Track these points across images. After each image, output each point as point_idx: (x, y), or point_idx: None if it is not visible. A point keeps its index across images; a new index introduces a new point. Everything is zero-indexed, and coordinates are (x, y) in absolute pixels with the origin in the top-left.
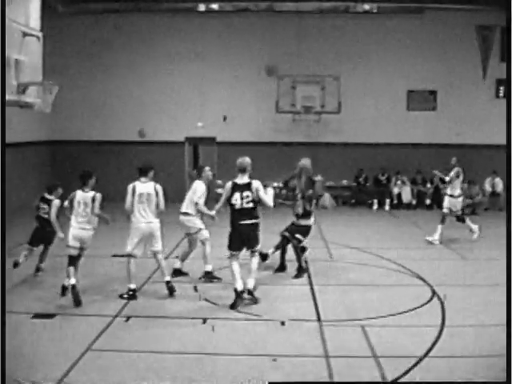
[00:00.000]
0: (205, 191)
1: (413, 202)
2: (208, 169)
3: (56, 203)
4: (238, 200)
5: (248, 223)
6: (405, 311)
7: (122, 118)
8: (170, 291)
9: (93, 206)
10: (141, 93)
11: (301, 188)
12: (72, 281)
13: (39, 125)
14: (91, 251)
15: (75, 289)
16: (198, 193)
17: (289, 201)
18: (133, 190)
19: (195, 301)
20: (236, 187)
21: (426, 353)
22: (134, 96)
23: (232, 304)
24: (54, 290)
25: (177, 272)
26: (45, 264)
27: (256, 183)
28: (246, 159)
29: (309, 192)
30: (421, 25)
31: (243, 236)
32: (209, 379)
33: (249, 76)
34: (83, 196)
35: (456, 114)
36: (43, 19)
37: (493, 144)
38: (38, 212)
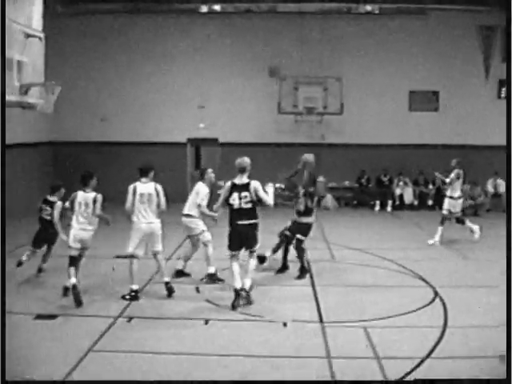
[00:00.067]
0: (207, 193)
1: (415, 203)
2: (211, 171)
3: (58, 205)
4: (237, 200)
5: (246, 223)
6: (407, 312)
7: (124, 119)
8: (169, 292)
9: (94, 207)
10: (142, 94)
11: (303, 183)
12: (73, 280)
13: (41, 126)
14: (93, 252)
15: (76, 289)
16: (201, 195)
17: (290, 200)
18: (133, 191)
19: (197, 302)
20: (234, 187)
21: (428, 354)
22: (136, 97)
23: (232, 303)
24: (56, 291)
25: (179, 273)
26: (47, 264)
27: (254, 183)
28: (245, 159)
29: (311, 188)
30: (423, 26)
31: (242, 236)
32: (211, 380)
33: (251, 77)
34: (84, 197)
35: (458, 115)
36: (44, 19)
37: (495, 145)
38: (41, 214)
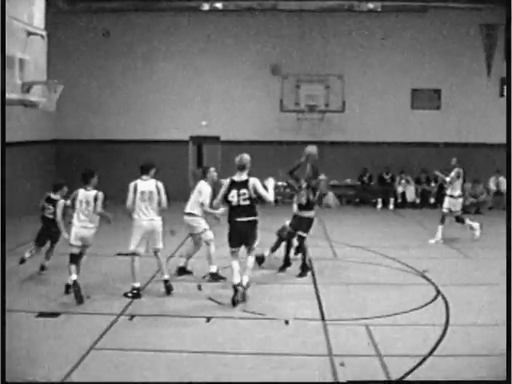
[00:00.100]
0: (210, 192)
1: (417, 201)
2: (213, 169)
3: (61, 203)
4: (235, 197)
5: (245, 220)
6: (409, 310)
7: (126, 117)
8: (168, 290)
9: (95, 205)
10: (144, 91)
11: (306, 176)
12: (73, 277)
13: (43, 124)
14: (94, 250)
15: (76, 285)
16: (204, 194)
17: (291, 198)
18: (134, 188)
19: (199, 300)
20: (233, 184)
21: (430, 352)
22: (138, 95)
23: (232, 299)
24: (58, 289)
25: (181, 271)
26: (49, 262)
27: (253, 180)
28: (245, 156)
29: (314, 181)
30: (425, 23)
31: (241, 233)
32: (212, 378)
33: (253, 75)
34: (85, 195)
35: (460, 113)
36: (46, 17)
37: (497, 143)
38: (43, 212)
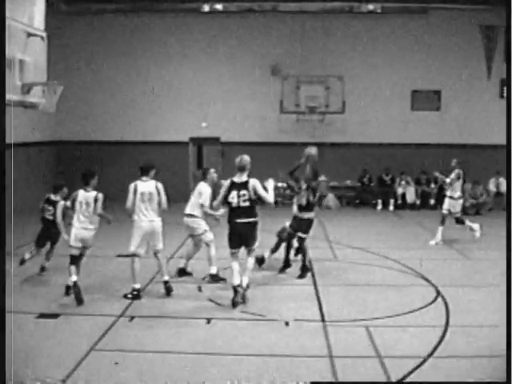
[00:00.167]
0: (210, 193)
1: (417, 203)
2: (213, 171)
3: (61, 204)
4: (235, 198)
5: (245, 222)
6: (409, 311)
7: (126, 118)
8: (167, 291)
9: (95, 206)
10: (144, 93)
11: (306, 177)
12: (73, 278)
13: (44, 125)
14: (95, 251)
15: (77, 286)
16: (204, 195)
17: (290, 199)
18: (134, 189)
19: (199, 301)
20: (233, 185)
21: (431, 353)
22: (138, 96)
23: (232, 300)
24: (58, 290)
25: (181, 272)
26: (49, 263)
27: (253, 181)
28: (245, 157)
29: (313, 182)
30: (425, 25)
31: (241, 234)
32: (213, 379)
33: (253, 76)
34: (85, 196)
35: (460, 114)
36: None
37: (497, 144)
38: (43, 214)
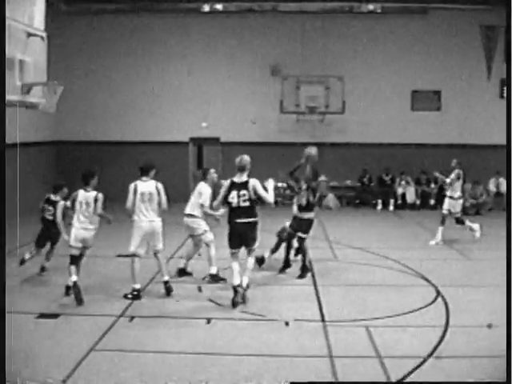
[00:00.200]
0: (210, 193)
1: (417, 203)
2: (213, 171)
3: (61, 204)
4: (235, 198)
5: (245, 222)
6: (409, 311)
7: (126, 118)
8: (167, 291)
9: (95, 206)
10: (144, 93)
11: (305, 177)
12: (73, 278)
13: (44, 125)
14: (95, 251)
15: (76, 286)
16: (204, 196)
17: (290, 199)
18: (134, 190)
19: (199, 301)
20: (233, 185)
21: (431, 353)
22: (138, 96)
23: (232, 300)
24: (58, 290)
25: (181, 272)
26: (49, 263)
27: (253, 181)
28: (245, 157)
29: (313, 183)
30: (425, 25)
31: (241, 234)
32: (213, 379)
33: (253, 76)
34: (85, 196)
35: (460, 114)
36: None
37: (497, 144)
38: (43, 214)
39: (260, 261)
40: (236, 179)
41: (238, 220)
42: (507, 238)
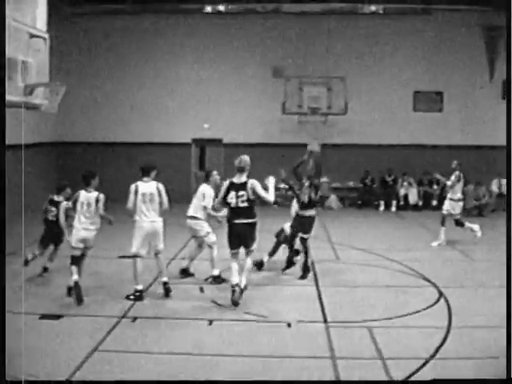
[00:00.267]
0: (213, 195)
1: (419, 204)
2: (216, 173)
3: (64, 205)
4: (234, 199)
5: (243, 222)
6: (411, 312)
7: (128, 119)
8: (166, 292)
9: (96, 207)
10: (146, 94)
11: (308, 173)
12: (74, 277)
13: (46, 126)
14: (96, 252)
15: (78, 286)
16: (207, 198)
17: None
18: (135, 190)
19: (201, 302)
20: (232, 186)
21: (433, 354)
22: (140, 97)
23: (231, 300)
24: (61, 290)
25: (184, 272)
26: (51, 264)
27: (252, 181)
28: (245, 158)
29: (316, 179)
30: (427, 26)
31: (240, 235)
32: (215, 380)
33: (255, 77)
34: (86, 196)
35: (462, 115)
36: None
37: (499, 145)
38: (46, 215)
39: (259, 265)
40: (235, 180)
41: (237, 220)
42: (507, 238)
